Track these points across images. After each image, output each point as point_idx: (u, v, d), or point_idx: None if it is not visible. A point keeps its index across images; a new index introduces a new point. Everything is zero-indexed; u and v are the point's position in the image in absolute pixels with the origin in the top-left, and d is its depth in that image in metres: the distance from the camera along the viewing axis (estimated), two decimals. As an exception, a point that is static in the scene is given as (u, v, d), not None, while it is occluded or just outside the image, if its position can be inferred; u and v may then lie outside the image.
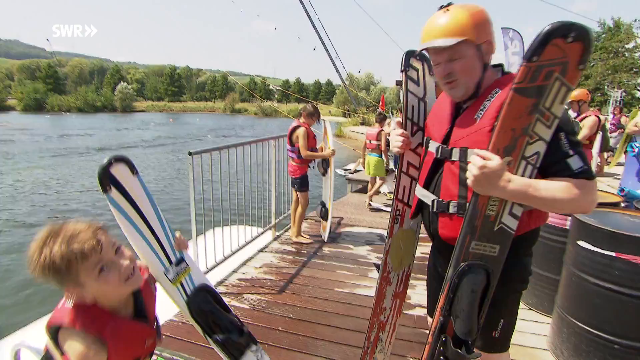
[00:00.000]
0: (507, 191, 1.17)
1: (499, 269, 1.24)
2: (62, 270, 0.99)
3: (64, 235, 1.01)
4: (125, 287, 1.11)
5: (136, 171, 1.35)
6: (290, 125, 4.36)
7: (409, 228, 1.67)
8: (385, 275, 1.68)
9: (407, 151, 1.58)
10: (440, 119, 1.43)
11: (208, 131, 36.36)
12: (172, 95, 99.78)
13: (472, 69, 1.27)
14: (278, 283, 3.44)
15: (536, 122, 1.14)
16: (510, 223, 1.22)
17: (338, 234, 4.80)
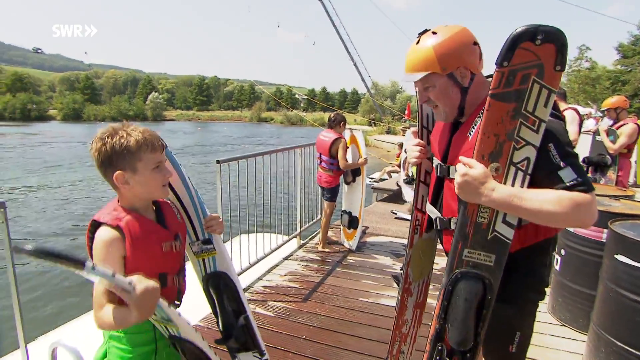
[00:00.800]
0: (491, 200, 1.16)
1: (496, 279, 1.21)
2: (129, 153, 1.18)
3: (138, 128, 1.22)
4: (160, 191, 1.27)
5: (164, 145, 1.42)
6: (327, 137, 4.28)
7: (428, 237, 1.65)
8: (406, 287, 1.66)
9: (424, 160, 1.57)
10: (440, 136, 1.46)
11: (235, 139, 37.01)
12: (200, 105, 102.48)
13: (445, 96, 1.30)
14: (302, 291, 3.44)
15: (520, 126, 1.13)
16: (505, 232, 1.18)
17: (363, 243, 4.77)
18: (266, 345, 2.54)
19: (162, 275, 1.25)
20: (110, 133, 1.19)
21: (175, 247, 1.28)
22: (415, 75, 1.29)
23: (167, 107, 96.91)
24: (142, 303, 1.01)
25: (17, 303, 1.81)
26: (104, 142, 1.18)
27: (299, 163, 4.61)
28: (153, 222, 1.26)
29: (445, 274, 1.26)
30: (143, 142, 1.20)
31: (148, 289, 1.02)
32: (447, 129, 1.42)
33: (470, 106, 1.31)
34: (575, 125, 4.09)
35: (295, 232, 4.69)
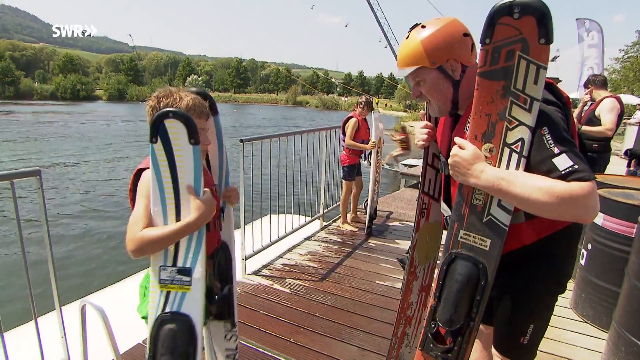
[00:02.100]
0: (480, 182, 1.12)
1: (492, 265, 1.17)
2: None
3: (190, 94, 1.33)
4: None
5: (209, 115, 1.51)
6: (347, 116, 4.54)
7: (434, 221, 1.63)
8: (412, 270, 1.65)
9: (431, 143, 1.54)
10: (442, 132, 1.44)
11: (269, 121, 37.35)
12: (237, 87, 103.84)
13: (436, 90, 1.28)
14: (320, 271, 3.49)
15: (512, 105, 1.08)
16: (501, 217, 1.14)
17: (386, 228, 4.76)
18: (280, 320, 2.67)
19: None
20: (166, 94, 1.29)
21: (215, 190, 1.38)
22: (406, 70, 1.28)
23: (205, 88, 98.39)
24: (205, 205, 1.20)
25: (52, 268, 1.96)
26: (159, 100, 1.27)
27: (324, 145, 4.62)
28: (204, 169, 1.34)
29: (443, 253, 1.26)
30: (192, 107, 1.29)
31: (211, 196, 1.21)
32: (448, 124, 1.40)
33: (465, 99, 1.27)
34: (614, 114, 3.83)
35: (318, 214, 4.74)
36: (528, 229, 1.24)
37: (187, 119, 1.19)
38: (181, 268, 1.23)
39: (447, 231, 1.29)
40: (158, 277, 1.25)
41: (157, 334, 1.24)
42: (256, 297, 2.99)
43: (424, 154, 1.57)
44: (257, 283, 3.22)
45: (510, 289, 1.29)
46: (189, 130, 1.19)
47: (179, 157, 1.21)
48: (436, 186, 1.60)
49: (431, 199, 1.61)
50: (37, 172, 1.69)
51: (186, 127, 1.28)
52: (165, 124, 1.18)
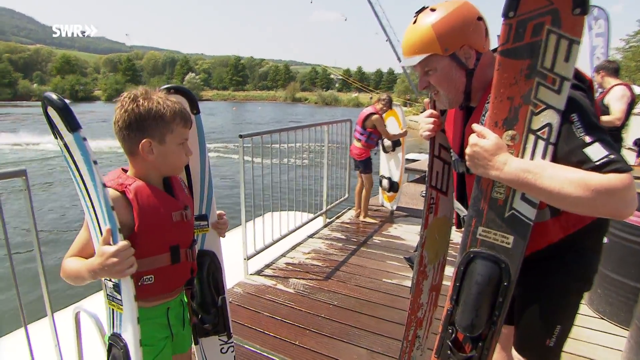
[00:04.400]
0: (503, 175, 1.01)
1: (515, 264, 1.06)
2: (163, 122, 1.10)
3: (171, 98, 1.15)
4: (179, 168, 1.22)
5: (198, 111, 1.43)
6: (366, 110, 4.57)
7: (443, 216, 1.52)
8: (421, 270, 1.55)
9: (437, 133, 1.43)
10: (453, 125, 1.33)
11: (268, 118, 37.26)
12: (236, 85, 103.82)
13: (447, 79, 1.16)
14: (325, 269, 3.40)
15: (538, 87, 0.97)
16: (525, 211, 1.03)
17: (390, 225, 4.66)
18: (284, 322, 2.58)
19: (174, 248, 1.17)
20: (144, 96, 1.10)
21: (185, 216, 1.20)
22: (414, 59, 1.16)
23: (203, 87, 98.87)
24: (109, 259, 0.98)
25: (42, 272, 1.86)
26: (138, 103, 1.08)
27: (326, 140, 4.53)
28: (161, 191, 1.18)
29: (459, 253, 1.15)
30: (178, 114, 1.13)
31: (126, 244, 1.00)
32: (459, 117, 1.28)
33: (478, 90, 1.16)
34: (624, 103, 3.70)
35: (321, 211, 4.65)
36: (554, 226, 1.14)
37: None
38: (115, 283, 1.06)
39: (463, 229, 1.18)
40: (105, 292, 1.12)
41: (109, 357, 1.13)
42: (259, 299, 2.89)
43: (430, 145, 1.46)
44: (260, 283, 3.13)
45: (535, 287, 1.19)
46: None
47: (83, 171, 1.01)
48: (444, 179, 1.50)
49: (439, 193, 1.50)
50: (22, 172, 1.59)
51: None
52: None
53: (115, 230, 1.00)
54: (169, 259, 1.16)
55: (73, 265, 1.06)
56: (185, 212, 1.21)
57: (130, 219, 1.08)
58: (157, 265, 1.14)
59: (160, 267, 1.15)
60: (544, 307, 1.18)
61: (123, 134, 1.11)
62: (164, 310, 1.21)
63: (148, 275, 1.13)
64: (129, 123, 1.09)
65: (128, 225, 1.09)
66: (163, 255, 1.15)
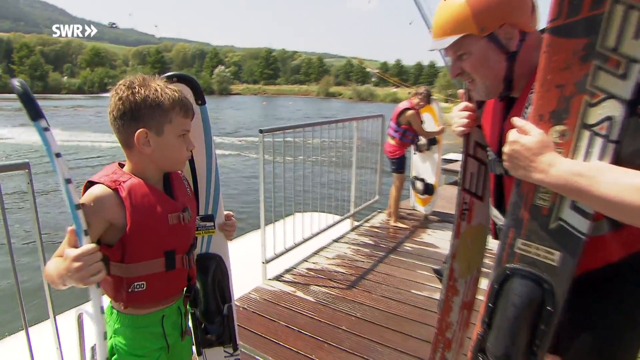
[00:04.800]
0: (548, 179, 0.89)
1: (562, 286, 0.94)
2: (161, 111, 1.07)
3: (171, 85, 1.13)
4: (180, 163, 1.19)
5: (203, 102, 1.39)
6: (401, 105, 4.48)
7: (478, 224, 1.42)
8: (451, 284, 1.45)
9: (473, 129, 1.33)
10: (492, 119, 1.21)
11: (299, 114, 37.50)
12: (267, 78, 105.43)
13: (485, 65, 1.06)
14: (349, 277, 3.34)
15: (596, 71, 0.84)
16: (575, 222, 0.91)
17: (423, 230, 4.53)
18: (301, 333, 2.54)
19: (169, 253, 1.14)
20: (141, 83, 1.08)
21: (183, 219, 1.16)
22: (445, 41, 1.07)
23: (233, 80, 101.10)
24: (76, 259, 0.94)
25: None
26: (134, 91, 1.06)
27: (355, 137, 4.47)
28: (159, 191, 1.15)
29: (493, 268, 1.05)
30: (178, 102, 1.09)
31: (92, 248, 0.96)
32: (498, 110, 1.17)
33: (521, 77, 1.05)
34: None
35: (348, 213, 4.59)
36: (614, 242, 1.00)
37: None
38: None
39: (499, 241, 1.08)
40: None
41: None
42: (276, 306, 2.87)
43: (464, 143, 1.36)
44: (278, 290, 3.11)
45: (589, 314, 1.05)
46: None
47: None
48: (479, 181, 1.39)
49: (474, 198, 1.40)
50: (25, 166, 1.62)
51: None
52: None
53: (80, 231, 0.97)
54: (163, 265, 1.13)
55: (51, 267, 1.04)
56: (183, 214, 1.17)
57: (122, 220, 1.06)
58: (149, 271, 1.11)
59: (153, 274, 1.12)
60: (600, 339, 1.03)
61: (118, 124, 1.08)
62: (159, 319, 1.19)
63: (139, 282, 1.10)
64: (123, 112, 1.06)
65: (120, 226, 1.06)
66: (156, 260, 1.12)
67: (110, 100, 1.09)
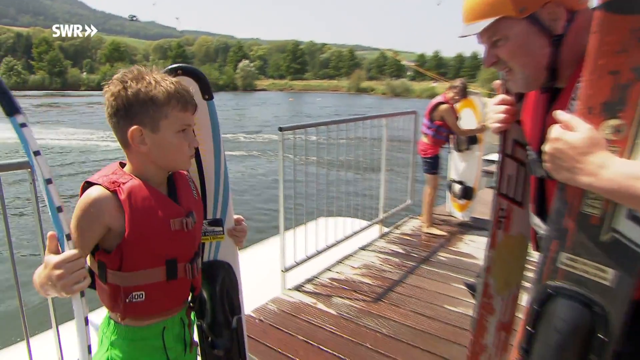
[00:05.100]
0: (598, 183, 0.82)
1: (619, 310, 0.86)
2: (154, 106, 1.07)
3: (169, 77, 1.12)
4: (182, 161, 1.17)
5: (210, 96, 1.38)
6: (435, 100, 4.48)
7: (518, 234, 1.35)
8: (486, 302, 1.39)
9: (512, 125, 1.26)
10: (533, 114, 1.15)
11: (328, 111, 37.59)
12: (294, 73, 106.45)
13: (524, 51, 1.00)
14: (376, 289, 3.29)
15: None
16: (633, 234, 0.83)
17: (460, 239, 4.43)
18: (320, 349, 2.52)
19: (171, 262, 1.14)
20: (135, 76, 1.07)
21: (186, 225, 1.15)
22: (478, 25, 1.02)
23: (258, 75, 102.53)
24: (57, 266, 0.94)
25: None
26: (126, 85, 1.06)
27: (384, 135, 4.43)
28: (160, 193, 1.14)
29: (532, 286, 0.98)
30: (174, 95, 1.08)
31: (74, 255, 0.96)
32: (541, 103, 1.11)
33: (569, 64, 0.98)
34: None
35: (376, 219, 4.54)
36: None
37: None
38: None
39: (540, 253, 1.02)
40: None
41: None
42: (295, 319, 2.86)
43: (500, 141, 1.30)
44: (298, 301, 3.10)
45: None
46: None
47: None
48: (519, 185, 1.33)
49: (512, 204, 1.34)
50: (28, 164, 1.66)
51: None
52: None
53: (61, 236, 0.97)
54: (163, 274, 1.13)
55: (37, 273, 1.04)
56: (187, 219, 1.16)
57: (120, 225, 1.06)
58: (149, 280, 1.11)
59: (153, 283, 1.12)
60: None
61: (113, 122, 1.09)
62: (159, 331, 1.18)
63: (138, 292, 1.10)
64: (116, 109, 1.07)
65: (118, 231, 1.06)
66: (157, 269, 1.12)
67: (104, 97, 1.10)
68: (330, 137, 3.68)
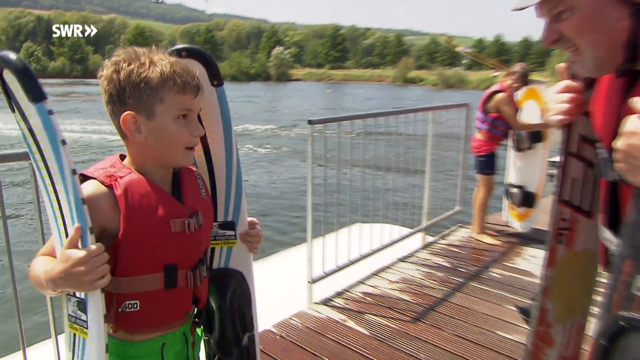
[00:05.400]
0: None
1: None
2: (148, 89, 1.07)
3: (168, 57, 1.13)
4: (181, 154, 1.15)
5: (219, 82, 1.36)
6: (490, 89, 4.44)
7: (583, 250, 1.27)
8: (542, 331, 1.32)
9: (578, 118, 1.19)
10: (607, 104, 1.06)
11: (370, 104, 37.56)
12: (333, 61, 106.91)
13: (595, 25, 0.92)
14: (415, 307, 3.25)
15: None
16: None
17: (518, 253, 4.31)
18: (348, 374, 2.49)
19: (170, 268, 1.13)
20: (129, 57, 1.08)
21: (188, 226, 1.15)
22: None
23: (293, 64, 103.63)
24: (82, 262, 0.96)
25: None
26: (118, 67, 1.07)
27: (430, 132, 4.38)
28: (162, 190, 1.14)
29: (600, 316, 0.92)
30: (170, 76, 1.07)
31: (99, 248, 0.98)
32: (616, 90, 1.03)
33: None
34: None
35: (419, 226, 4.49)
36: None
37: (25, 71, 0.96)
38: (80, 298, 1.03)
39: (609, 274, 0.95)
40: (67, 312, 1.08)
41: None
42: (321, 337, 2.85)
43: (563, 136, 1.23)
44: (325, 317, 3.09)
45: None
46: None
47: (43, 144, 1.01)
48: (586, 190, 1.25)
49: (577, 213, 1.26)
50: (26, 155, 1.72)
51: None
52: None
53: (86, 228, 0.99)
54: (161, 281, 1.12)
55: (37, 267, 1.07)
56: (190, 220, 1.15)
57: (115, 224, 1.06)
58: (144, 288, 1.11)
59: (149, 292, 1.11)
60: None
61: (108, 109, 1.11)
62: (157, 347, 1.18)
63: (132, 301, 1.10)
64: (110, 94, 1.08)
65: (112, 230, 1.07)
66: (154, 275, 1.11)
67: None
68: (368, 132, 3.64)
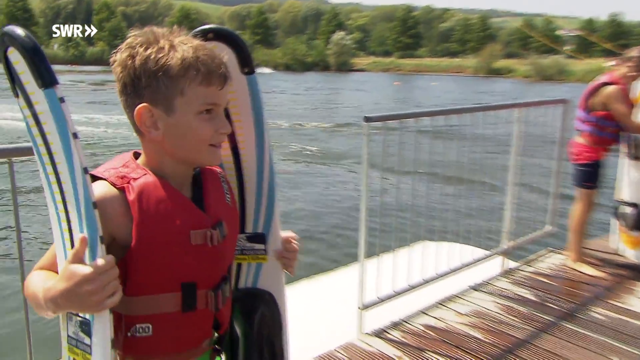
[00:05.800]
0: None
1: None
2: (167, 78, 1.06)
3: (192, 41, 1.12)
4: (206, 153, 1.15)
5: (251, 69, 1.36)
6: (595, 81, 4.25)
7: None
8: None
9: None
10: None
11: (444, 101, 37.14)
12: (403, 49, 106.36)
13: None
14: (490, 348, 3.16)
15: None
16: None
17: (630, 290, 4.08)
18: None
19: (189, 287, 1.13)
20: (147, 40, 1.08)
21: (211, 238, 1.14)
22: None
23: (356, 51, 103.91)
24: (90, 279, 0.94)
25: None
26: (133, 53, 1.06)
27: (514, 134, 4.29)
28: (181, 196, 1.14)
29: None
30: (193, 64, 1.06)
31: (109, 262, 0.97)
32: None
33: None
34: None
35: (498, 248, 4.40)
36: None
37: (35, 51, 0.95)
38: (84, 319, 1.02)
39: None
40: (66, 333, 1.09)
41: None
42: (371, 376, 2.82)
43: None
44: (378, 351, 3.06)
45: None
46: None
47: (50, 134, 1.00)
48: None
49: None
50: (6, 152, 1.79)
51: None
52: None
53: (95, 238, 0.97)
54: (178, 302, 1.11)
55: (35, 284, 1.08)
56: (213, 231, 1.14)
57: (127, 233, 1.06)
58: (158, 310, 1.10)
59: (164, 314, 1.11)
60: None
61: (122, 100, 1.11)
62: None
63: (144, 324, 1.10)
64: (124, 83, 1.08)
65: (122, 241, 1.07)
66: (169, 295, 1.11)
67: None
68: (436, 133, 3.58)
